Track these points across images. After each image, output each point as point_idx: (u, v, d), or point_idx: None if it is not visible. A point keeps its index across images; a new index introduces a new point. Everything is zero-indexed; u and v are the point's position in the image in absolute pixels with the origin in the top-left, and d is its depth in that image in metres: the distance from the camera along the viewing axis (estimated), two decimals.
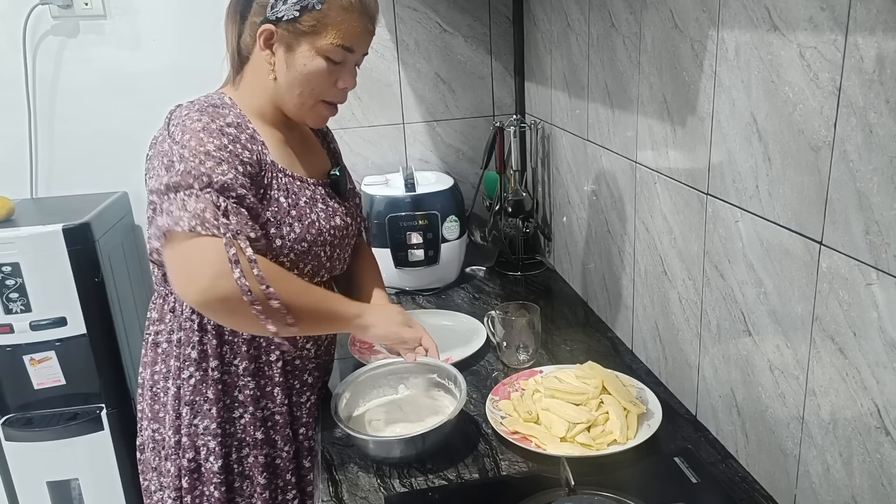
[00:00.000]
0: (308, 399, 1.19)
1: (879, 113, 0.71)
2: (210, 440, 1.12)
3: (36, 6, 1.89)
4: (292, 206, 1.09)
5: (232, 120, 1.04)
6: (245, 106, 1.11)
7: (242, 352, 1.11)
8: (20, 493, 1.93)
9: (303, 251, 1.10)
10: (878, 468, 0.77)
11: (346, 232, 1.19)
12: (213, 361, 1.10)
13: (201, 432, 1.12)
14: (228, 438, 1.13)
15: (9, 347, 1.83)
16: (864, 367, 0.77)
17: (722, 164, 1.02)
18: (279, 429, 1.15)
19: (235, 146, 1.01)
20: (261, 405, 1.14)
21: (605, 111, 1.44)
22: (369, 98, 2.03)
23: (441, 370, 1.21)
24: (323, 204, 1.15)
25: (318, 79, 1.08)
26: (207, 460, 1.12)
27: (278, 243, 1.06)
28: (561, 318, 1.59)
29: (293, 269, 1.10)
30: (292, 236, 1.08)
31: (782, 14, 0.84)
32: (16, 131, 1.98)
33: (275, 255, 1.06)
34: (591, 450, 1.06)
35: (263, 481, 1.14)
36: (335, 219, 1.16)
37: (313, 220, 1.11)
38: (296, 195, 1.10)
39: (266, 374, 1.14)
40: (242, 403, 1.13)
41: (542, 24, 1.81)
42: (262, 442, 1.14)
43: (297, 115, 1.13)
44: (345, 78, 1.11)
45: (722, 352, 1.07)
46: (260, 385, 1.13)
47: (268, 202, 1.06)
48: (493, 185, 1.93)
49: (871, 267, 0.74)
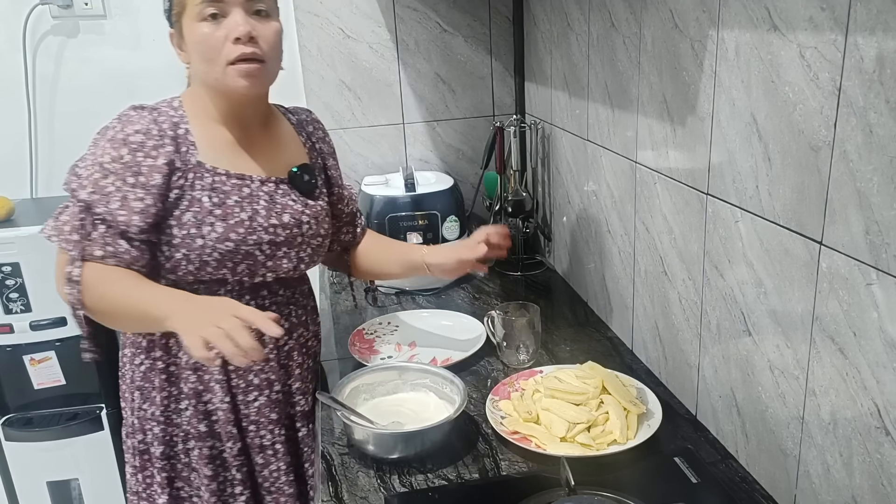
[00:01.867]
0: (256, 399, 1.19)
1: (879, 113, 0.71)
2: (155, 426, 1.17)
3: (36, 6, 1.90)
4: (217, 206, 1.10)
5: (142, 126, 1.08)
6: (192, 107, 1.14)
7: (173, 348, 1.15)
8: (20, 493, 1.93)
9: (228, 251, 1.10)
10: (878, 468, 0.77)
11: (301, 230, 1.18)
12: (159, 352, 1.16)
13: (148, 417, 1.18)
14: (173, 428, 1.18)
15: (9, 347, 1.83)
16: (864, 367, 0.77)
17: (722, 164, 1.02)
18: (222, 424, 1.17)
19: (135, 155, 1.06)
20: (203, 399, 1.17)
21: (605, 111, 1.44)
22: (369, 98, 2.03)
23: (441, 372, 1.21)
24: (268, 201, 1.15)
25: (206, 43, 1.07)
26: (152, 444, 1.18)
27: (199, 243, 1.08)
28: (561, 318, 1.59)
29: (221, 269, 1.11)
30: (213, 236, 1.09)
31: (782, 14, 0.84)
32: (16, 131, 1.99)
33: (198, 254, 1.09)
34: (591, 450, 1.06)
35: (209, 472, 1.18)
36: (283, 216, 1.15)
37: (243, 219, 1.11)
38: (225, 194, 1.11)
39: (207, 369, 1.16)
40: (187, 395, 1.17)
41: (542, 24, 1.81)
42: (206, 434, 1.17)
43: (221, 87, 1.10)
44: (229, 28, 1.06)
45: (722, 352, 1.07)
46: (203, 380, 1.16)
47: (188, 202, 1.09)
48: (493, 185, 1.93)
49: (871, 267, 0.74)
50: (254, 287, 1.17)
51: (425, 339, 1.47)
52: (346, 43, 1.97)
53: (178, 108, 1.13)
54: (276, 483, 1.23)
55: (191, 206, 1.09)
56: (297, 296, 1.25)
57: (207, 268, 1.11)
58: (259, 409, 1.20)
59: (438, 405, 1.18)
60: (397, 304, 1.69)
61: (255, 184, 1.15)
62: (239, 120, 1.16)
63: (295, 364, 1.24)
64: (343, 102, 2.01)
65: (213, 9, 1.06)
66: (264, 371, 1.19)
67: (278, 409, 1.21)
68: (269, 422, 1.21)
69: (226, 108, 1.14)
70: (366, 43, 1.99)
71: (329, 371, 1.40)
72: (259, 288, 1.18)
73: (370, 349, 1.44)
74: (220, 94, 1.13)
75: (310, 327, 1.29)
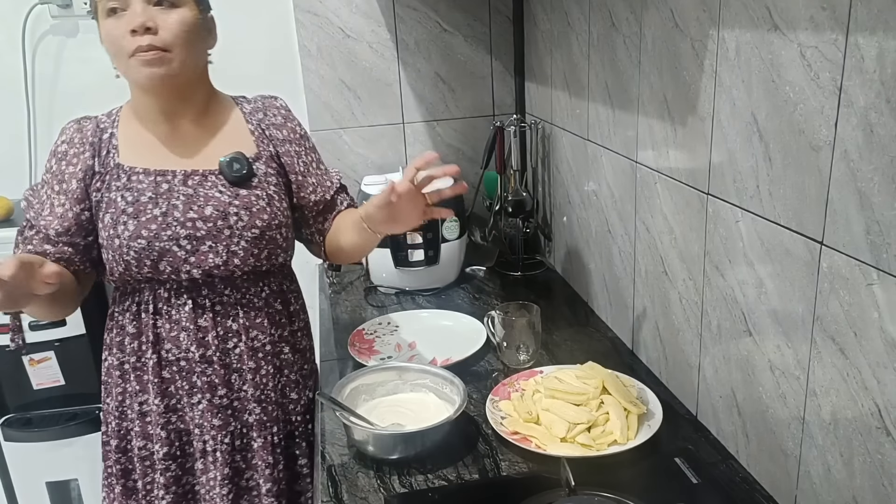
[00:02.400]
0: (200, 402, 1.19)
1: (880, 113, 0.71)
2: (112, 420, 1.24)
3: (35, 6, 1.89)
4: (130, 204, 1.13)
5: (67, 136, 1.17)
6: (128, 110, 1.20)
7: (127, 344, 1.20)
8: (19, 493, 1.93)
9: (143, 248, 1.12)
10: (878, 468, 0.77)
11: (227, 223, 1.14)
12: (115, 349, 1.22)
13: (109, 411, 1.24)
14: (127, 423, 1.23)
15: (9, 347, 1.83)
16: (864, 368, 0.77)
17: (722, 164, 1.01)
18: (153, 426, 1.21)
19: (60, 165, 1.16)
20: (139, 399, 1.21)
21: (605, 111, 1.44)
22: (369, 98, 2.03)
23: (441, 372, 1.21)
24: (189, 195, 1.14)
25: (109, 37, 1.09)
26: (112, 438, 1.25)
27: (117, 243, 1.12)
28: (561, 318, 1.59)
29: (143, 268, 1.12)
30: (126, 234, 1.11)
31: (783, 13, 0.84)
32: (15, 131, 1.98)
33: (119, 254, 1.13)
34: (591, 450, 1.05)
35: (140, 470, 1.23)
36: (206, 209, 1.13)
37: (155, 214, 1.12)
38: (139, 192, 1.13)
39: (142, 368, 1.20)
40: (131, 394, 1.21)
41: (542, 24, 1.81)
42: (139, 434, 1.22)
43: (132, 81, 1.14)
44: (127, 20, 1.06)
45: (722, 352, 1.07)
46: (141, 379, 1.20)
47: (106, 204, 1.14)
48: (493, 185, 1.93)
49: (872, 267, 0.74)
50: (193, 286, 1.16)
51: (425, 339, 1.47)
52: (345, 42, 1.97)
53: (112, 114, 1.20)
54: (211, 492, 1.22)
55: (108, 208, 1.14)
56: (251, 297, 1.20)
57: (132, 268, 1.12)
58: (202, 413, 1.20)
59: (438, 405, 1.18)
60: (397, 304, 1.69)
61: (177, 178, 1.15)
62: (167, 115, 1.17)
63: (246, 369, 1.20)
64: (343, 102, 2.01)
65: (114, 2, 1.07)
66: (206, 373, 1.19)
67: (222, 414, 1.20)
68: (212, 427, 1.20)
69: (151, 103, 1.16)
70: (366, 42, 1.98)
71: (329, 371, 1.40)
72: (199, 286, 1.16)
73: (370, 349, 1.44)
74: (140, 90, 1.15)
75: (270, 331, 1.22)
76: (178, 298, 1.17)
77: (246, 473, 1.24)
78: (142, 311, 1.18)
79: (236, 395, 1.21)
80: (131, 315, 1.19)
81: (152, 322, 1.17)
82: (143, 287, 1.17)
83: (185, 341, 1.18)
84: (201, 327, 1.18)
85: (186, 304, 1.17)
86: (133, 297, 1.19)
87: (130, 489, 1.25)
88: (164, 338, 1.18)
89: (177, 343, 1.18)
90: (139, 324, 1.19)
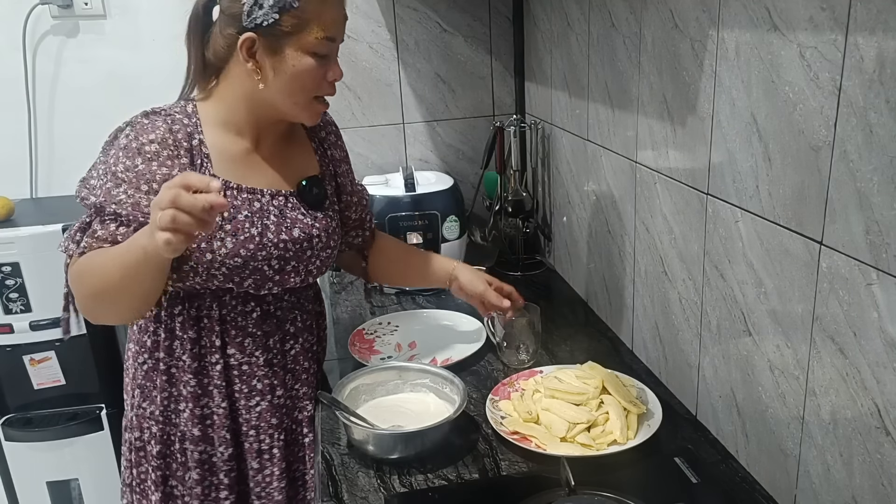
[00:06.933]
0: (258, 404, 1.19)
1: (880, 113, 0.71)
2: (153, 424, 1.18)
3: (36, 6, 1.89)
4: (226, 221, 1.08)
5: (158, 135, 1.06)
6: (210, 116, 1.11)
7: (188, 349, 1.14)
8: (20, 493, 1.93)
9: (237, 266, 1.09)
10: (878, 468, 0.77)
11: (311, 244, 1.16)
12: (162, 353, 1.15)
13: (147, 415, 1.18)
14: (171, 427, 1.18)
15: (9, 347, 1.83)
16: (864, 367, 0.77)
17: (722, 164, 1.02)
18: (216, 428, 1.17)
19: (150, 165, 1.05)
20: (200, 403, 1.17)
21: (605, 111, 1.44)
22: (369, 98, 2.03)
23: (441, 372, 1.21)
24: (278, 216, 1.13)
25: (309, 76, 1.08)
26: (149, 443, 1.19)
27: (208, 257, 1.07)
28: (561, 318, 1.59)
29: (227, 283, 1.10)
30: (223, 251, 1.08)
31: (782, 14, 0.84)
32: (16, 131, 1.98)
33: (206, 268, 1.08)
34: (591, 450, 1.05)
35: (197, 476, 1.18)
36: (293, 231, 1.14)
37: (252, 234, 1.10)
38: (235, 209, 1.10)
39: (208, 373, 1.16)
40: (185, 398, 1.16)
41: (542, 24, 1.81)
42: (199, 438, 1.17)
43: (293, 115, 1.13)
44: (334, 70, 1.11)
45: (722, 352, 1.07)
46: (202, 384, 1.16)
47: None
48: (493, 185, 1.93)
49: (872, 267, 0.74)
50: (262, 296, 1.17)
51: (425, 339, 1.47)
52: (346, 43, 1.94)
53: (192, 116, 1.11)
54: (267, 488, 1.22)
55: None
56: (303, 301, 1.24)
57: (214, 280, 1.10)
58: (260, 414, 1.19)
59: (438, 405, 1.18)
60: (397, 304, 1.69)
61: (265, 198, 1.13)
62: (258, 132, 1.15)
63: (301, 369, 1.23)
64: (343, 102, 2.01)
65: (327, 49, 1.08)
66: (267, 376, 1.18)
67: (279, 414, 1.20)
68: (270, 426, 1.20)
69: (255, 122, 1.13)
70: (366, 43, 1.98)
71: (329, 371, 1.40)
72: (265, 295, 1.17)
73: (370, 349, 1.44)
74: (264, 112, 1.12)
75: (315, 332, 1.28)
76: (246, 306, 1.15)
77: (293, 465, 1.25)
78: (203, 318, 1.15)
79: (289, 393, 1.22)
80: (187, 321, 1.15)
81: (219, 329, 1.14)
82: (204, 292, 1.13)
83: (250, 346, 1.17)
84: (266, 332, 1.18)
85: (254, 312, 1.16)
86: (190, 303, 1.14)
87: (168, 495, 1.21)
88: (229, 343, 1.16)
89: (241, 348, 1.16)
90: (199, 329, 1.15)
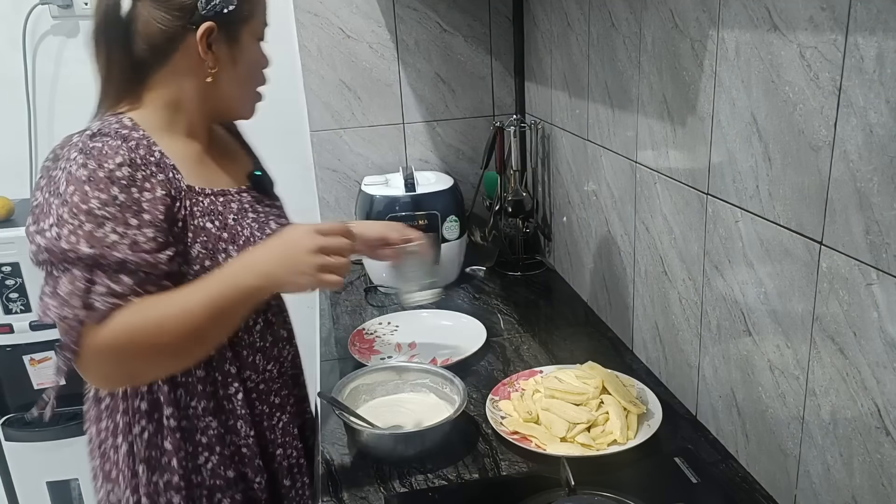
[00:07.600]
0: (280, 419, 1.11)
1: (879, 113, 0.71)
2: (174, 495, 1.01)
3: (36, 6, 1.89)
4: (221, 229, 0.99)
5: (125, 157, 0.90)
6: (152, 125, 0.97)
7: (199, 391, 1.01)
8: (20, 493, 1.93)
9: None
10: (878, 468, 0.77)
11: None
12: (168, 409, 1.00)
13: (162, 489, 1.01)
14: (196, 489, 1.03)
15: (9, 347, 1.83)
16: (864, 367, 0.77)
17: (722, 164, 1.02)
18: (248, 461, 1.06)
19: (130, 193, 0.89)
20: (227, 442, 1.04)
21: (605, 111, 1.44)
22: (369, 98, 2.03)
23: (441, 372, 1.21)
24: (252, 212, 1.06)
25: (259, 64, 1.04)
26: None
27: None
28: (561, 318, 1.59)
29: None
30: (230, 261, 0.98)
31: (782, 14, 0.84)
32: (16, 131, 1.98)
33: None
34: (591, 450, 1.06)
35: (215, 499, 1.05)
36: (270, 224, 1.07)
37: (247, 236, 1.02)
38: (222, 214, 1.00)
39: (227, 408, 1.04)
40: (207, 446, 1.02)
41: (542, 24, 1.81)
42: (234, 480, 1.05)
43: (238, 110, 1.06)
44: (267, 57, 1.05)
45: (722, 352, 1.07)
46: (223, 422, 1.03)
47: (194, 232, 0.96)
48: (493, 185, 1.93)
49: (872, 267, 0.74)
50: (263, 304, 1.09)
51: (425, 339, 1.47)
52: (346, 43, 1.97)
53: (136, 128, 0.95)
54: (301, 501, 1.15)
55: (198, 236, 0.96)
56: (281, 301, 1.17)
57: None
58: (283, 428, 1.11)
59: (438, 405, 1.18)
60: (397, 304, 1.69)
61: (237, 197, 1.05)
62: (202, 132, 1.05)
63: (298, 371, 1.20)
64: (343, 102, 2.01)
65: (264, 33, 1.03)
66: (282, 388, 1.12)
67: (294, 423, 1.14)
68: (293, 437, 1.13)
69: (203, 121, 1.05)
70: (366, 43, 1.98)
71: (329, 371, 1.40)
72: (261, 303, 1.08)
73: (370, 349, 1.44)
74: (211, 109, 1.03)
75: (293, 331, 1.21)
76: (248, 321, 1.05)
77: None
78: None
79: (298, 399, 1.18)
80: None
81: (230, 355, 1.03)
82: None
83: (262, 362, 1.08)
84: (270, 342, 1.10)
85: (257, 325, 1.07)
86: None
87: None
88: (243, 366, 1.05)
89: (255, 367, 1.07)
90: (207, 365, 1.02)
